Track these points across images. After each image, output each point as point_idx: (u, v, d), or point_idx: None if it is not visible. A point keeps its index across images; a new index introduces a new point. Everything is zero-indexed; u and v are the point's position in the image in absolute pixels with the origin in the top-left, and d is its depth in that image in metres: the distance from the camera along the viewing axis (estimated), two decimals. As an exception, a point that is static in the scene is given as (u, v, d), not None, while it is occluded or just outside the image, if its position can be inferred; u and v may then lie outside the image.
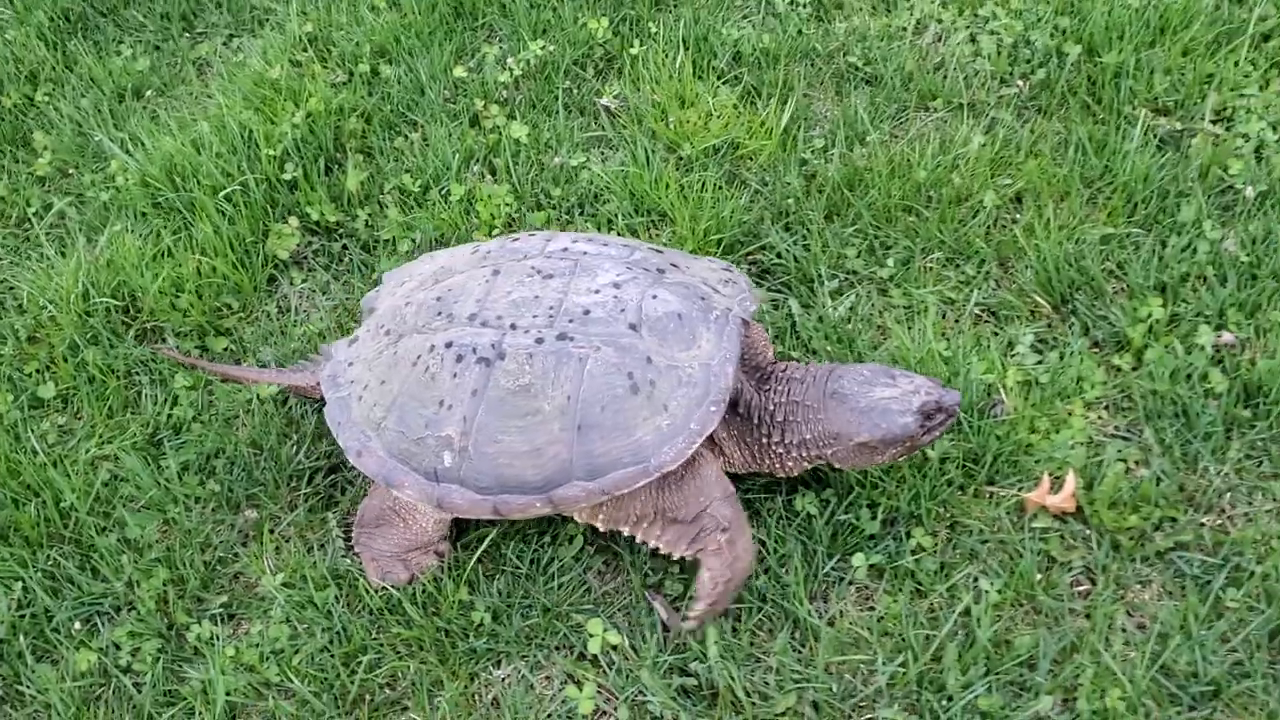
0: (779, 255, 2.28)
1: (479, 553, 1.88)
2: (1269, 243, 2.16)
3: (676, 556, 1.77)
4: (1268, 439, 1.93)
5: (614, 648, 1.80)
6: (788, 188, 2.35)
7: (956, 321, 2.16)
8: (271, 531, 1.99)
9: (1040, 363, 2.07)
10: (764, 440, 1.80)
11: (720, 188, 2.37)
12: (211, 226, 2.35)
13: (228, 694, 1.78)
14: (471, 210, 2.36)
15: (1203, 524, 1.86)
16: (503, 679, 1.80)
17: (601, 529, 1.80)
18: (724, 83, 2.58)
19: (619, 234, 2.32)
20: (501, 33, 2.78)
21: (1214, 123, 2.39)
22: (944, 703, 1.70)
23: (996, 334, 2.13)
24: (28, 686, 1.82)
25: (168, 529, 2.00)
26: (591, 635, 1.79)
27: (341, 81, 2.69)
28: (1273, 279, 2.10)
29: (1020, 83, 2.52)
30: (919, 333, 2.12)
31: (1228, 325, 2.06)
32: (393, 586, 1.86)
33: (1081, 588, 1.82)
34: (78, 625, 1.89)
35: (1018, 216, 2.29)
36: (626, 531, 1.79)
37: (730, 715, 1.72)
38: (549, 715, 1.76)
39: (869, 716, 1.71)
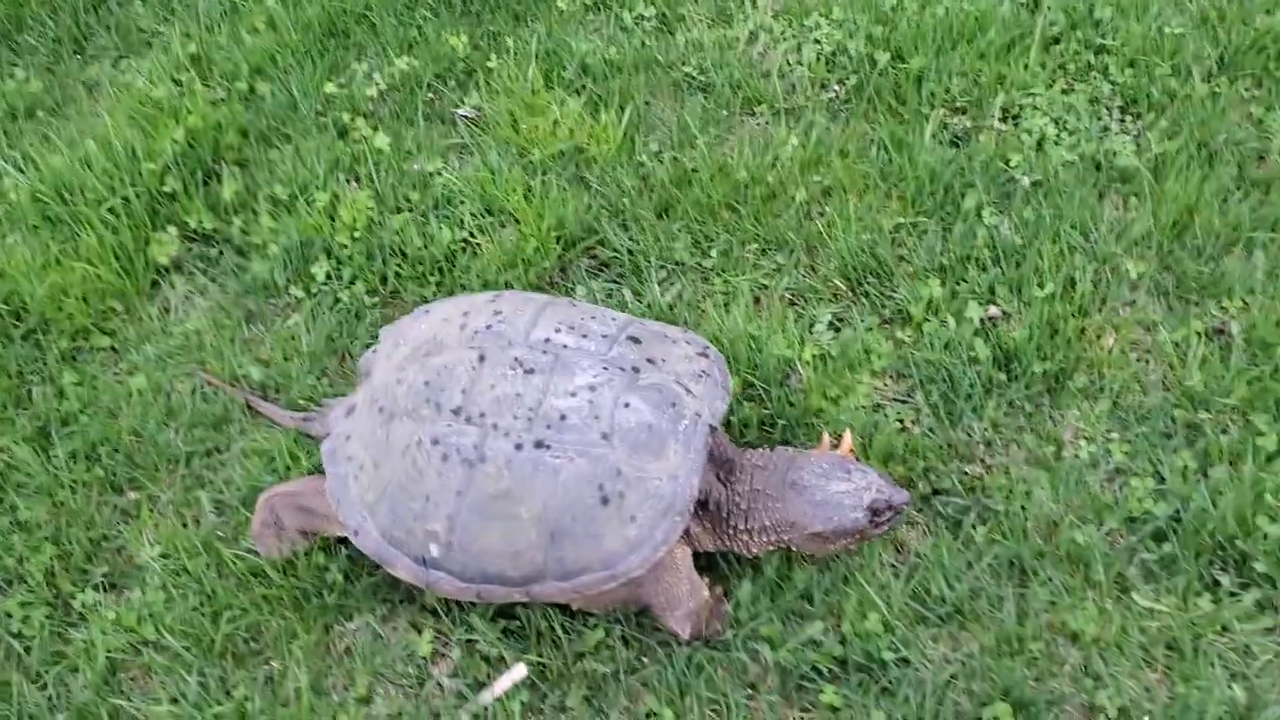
0: (615, 250, 2.53)
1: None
2: (1038, 226, 2.45)
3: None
4: (1022, 397, 2.22)
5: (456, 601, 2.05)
6: (623, 188, 2.61)
7: (768, 305, 2.43)
8: (151, 509, 2.22)
9: (835, 338, 2.35)
10: (731, 529, 1.95)
11: (564, 189, 2.63)
12: (96, 237, 2.57)
13: (108, 652, 2.02)
14: (335, 215, 2.60)
15: (965, 472, 2.15)
16: (354, 630, 2.05)
17: (575, 609, 1.98)
18: (572, 92, 2.83)
19: (470, 236, 2.57)
20: (370, 50, 3.02)
21: (1002, 120, 2.68)
22: (733, 631, 1.97)
23: (800, 315, 2.41)
24: (-72, 653, 2.05)
25: (56, 511, 2.22)
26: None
27: (220, 99, 2.92)
28: (1039, 258, 2.39)
29: (837, 87, 2.80)
30: (734, 316, 2.38)
31: (997, 301, 2.35)
32: (274, 559, 2.08)
33: (857, 531, 2.09)
34: (-27, 598, 2.12)
35: (826, 209, 2.56)
36: (599, 612, 1.97)
37: (550, 650, 1.98)
38: (393, 659, 2.01)
39: (669, 650, 1.97)
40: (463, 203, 2.62)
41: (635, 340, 1.97)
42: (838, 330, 2.37)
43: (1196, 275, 2.37)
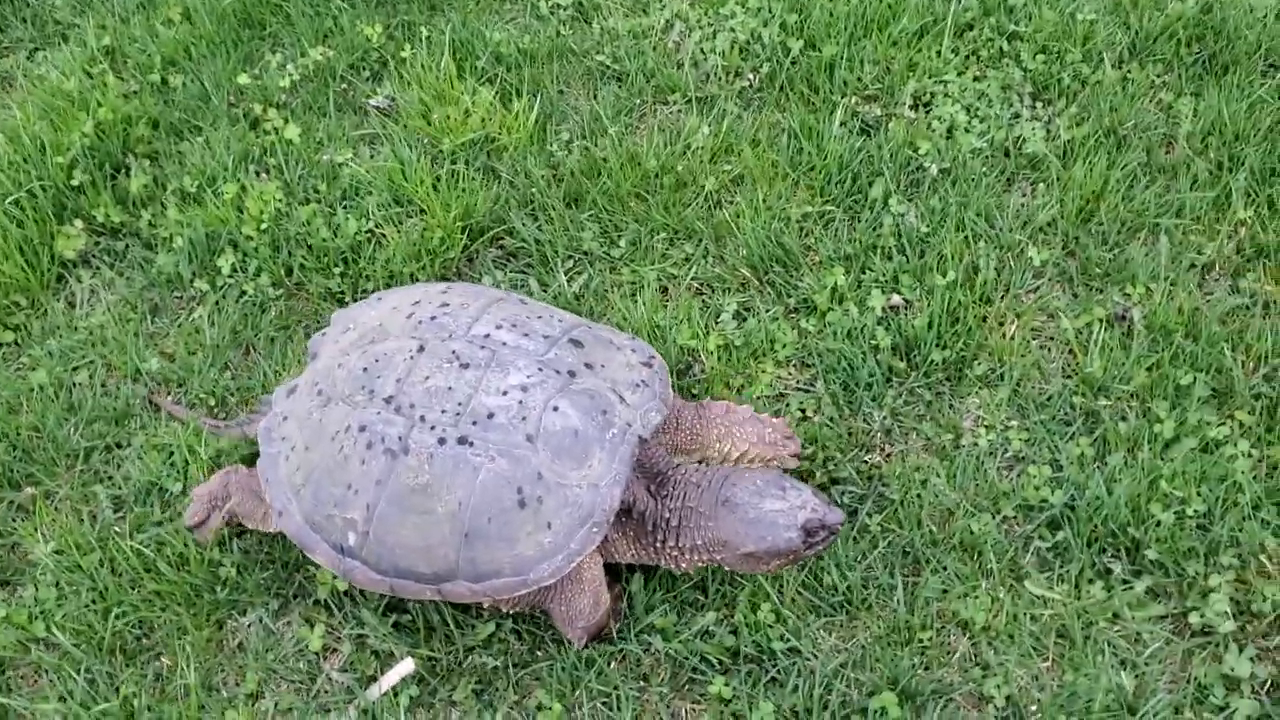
0: (523, 240, 2.52)
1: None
2: (944, 214, 2.45)
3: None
4: (922, 386, 2.22)
5: (345, 594, 2.03)
6: (533, 178, 2.59)
7: (675, 295, 2.42)
8: (47, 505, 2.19)
9: (739, 328, 2.34)
10: (658, 544, 1.89)
11: (473, 179, 2.61)
12: (1, 232, 2.54)
13: (-5, 651, 2.00)
14: (243, 208, 2.57)
15: (865, 461, 2.14)
16: (247, 625, 2.03)
17: (485, 606, 1.96)
18: (484, 81, 2.81)
19: (377, 226, 2.54)
20: (285, 40, 2.98)
21: (913, 108, 2.67)
22: (629, 625, 1.96)
23: (706, 305, 2.40)
24: None
25: (-52, 508, 2.20)
26: (322, 584, 2.03)
27: (133, 91, 2.88)
28: (943, 245, 2.39)
29: (751, 76, 2.79)
30: (640, 306, 2.37)
31: (900, 290, 2.35)
32: (191, 524, 2.07)
33: (754, 521, 2.08)
34: None
35: (735, 199, 2.55)
36: (505, 610, 1.94)
37: (441, 644, 1.97)
38: (285, 654, 1.99)
39: (560, 644, 1.96)
40: (370, 193, 2.60)
41: (577, 344, 1.94)
42: (743, 320, 2.36)
43: (1100, 261, 2.37)
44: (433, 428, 1.82)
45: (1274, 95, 2.55)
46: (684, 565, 1.91)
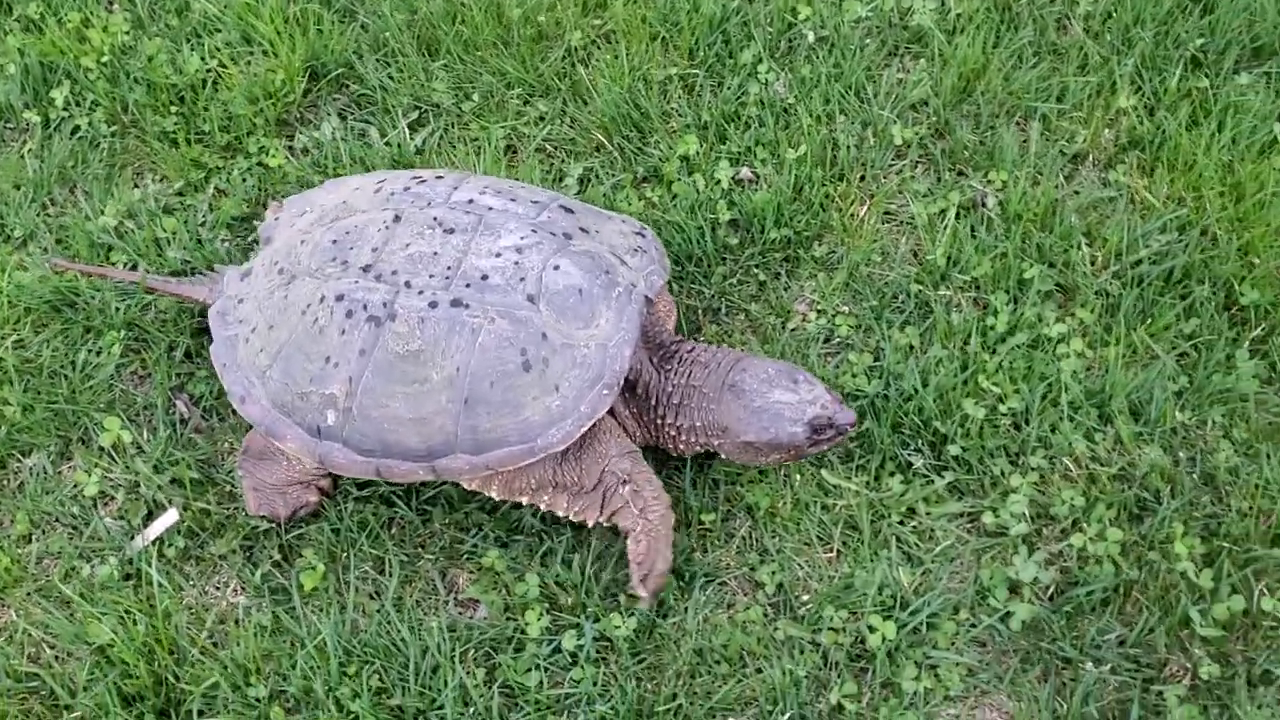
0: (369, 87, 2.39)
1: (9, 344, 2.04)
2: (814, 85, 2.30)
3: (591, 524, 1.77)
4: (758, 265, 2.11)
5: (133, 444, 1.98)
6: (385, 20, 2.45)
7: (523, 155, 2.30)
8: None
9: (580, 193, 2.22)
10: (658, 420, 1.80)
11: (329, 20, 2.46)
12: None
13: None
14: (85, 38, 2.45)
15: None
16: (30, 466, 1.98)
17: (497, 498, 1.80)
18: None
19: (222, 65, 2.42)
20: None
21: (806, -28, 2.50)
22: (413, 494, 1.90)
23: (551, 168, 2.28)
24: None
25: None
26: (106, 430, 1.97)
27: (-8, -92, 2.73)
28: (804, 118, 2.25)
29: (639, -73, 2.61)
30: (482, 163, 2.25)
31: (750, 163, 2.22)
32: (269, 519, 1.86)
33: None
34: None
35: (599, 57, 2.40)
36: (526, 501, 1.79)
37: (217, 500, 1.92)
38: (63, 498, 1.94)
39: (339, 507, 1.90)
40: (219, 30, 2.47)
41: (568, 210, 1.83)
42: (586, 185, 2.25)
43: (968, 145, 2.23)
44: (420, 292, 1.68)
45: (1183, -24, 2.37)
46: (681, 447, 1.82)
